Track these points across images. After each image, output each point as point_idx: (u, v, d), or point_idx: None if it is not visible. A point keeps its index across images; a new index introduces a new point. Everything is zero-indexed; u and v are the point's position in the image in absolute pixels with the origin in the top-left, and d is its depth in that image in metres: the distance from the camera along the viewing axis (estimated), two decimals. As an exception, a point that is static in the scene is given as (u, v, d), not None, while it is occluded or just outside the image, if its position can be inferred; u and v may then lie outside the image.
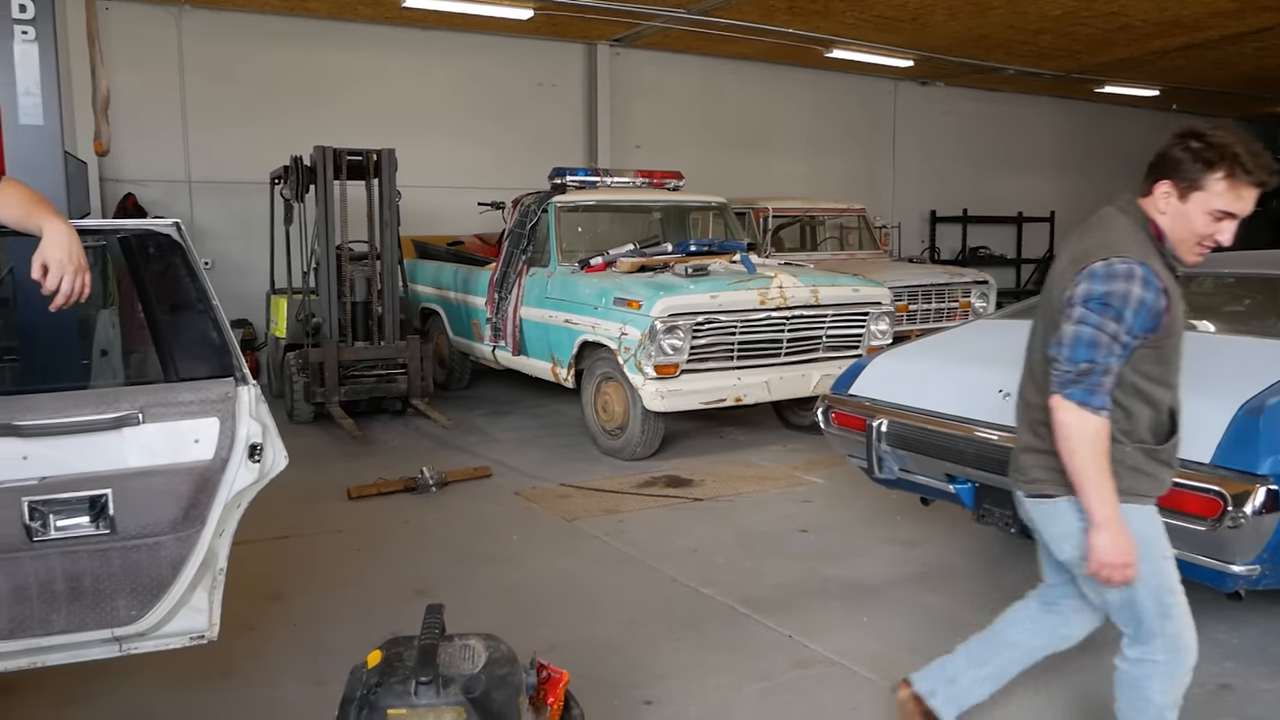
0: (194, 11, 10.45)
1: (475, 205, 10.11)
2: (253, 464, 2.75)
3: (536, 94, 12.49)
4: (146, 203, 10.19)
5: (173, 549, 2.68)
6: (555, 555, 4.93)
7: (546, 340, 7.42)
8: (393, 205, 7.87)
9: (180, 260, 2.64)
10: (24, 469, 2.53)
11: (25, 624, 2.61)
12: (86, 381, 5.72)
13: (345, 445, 7.20)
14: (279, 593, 4.39)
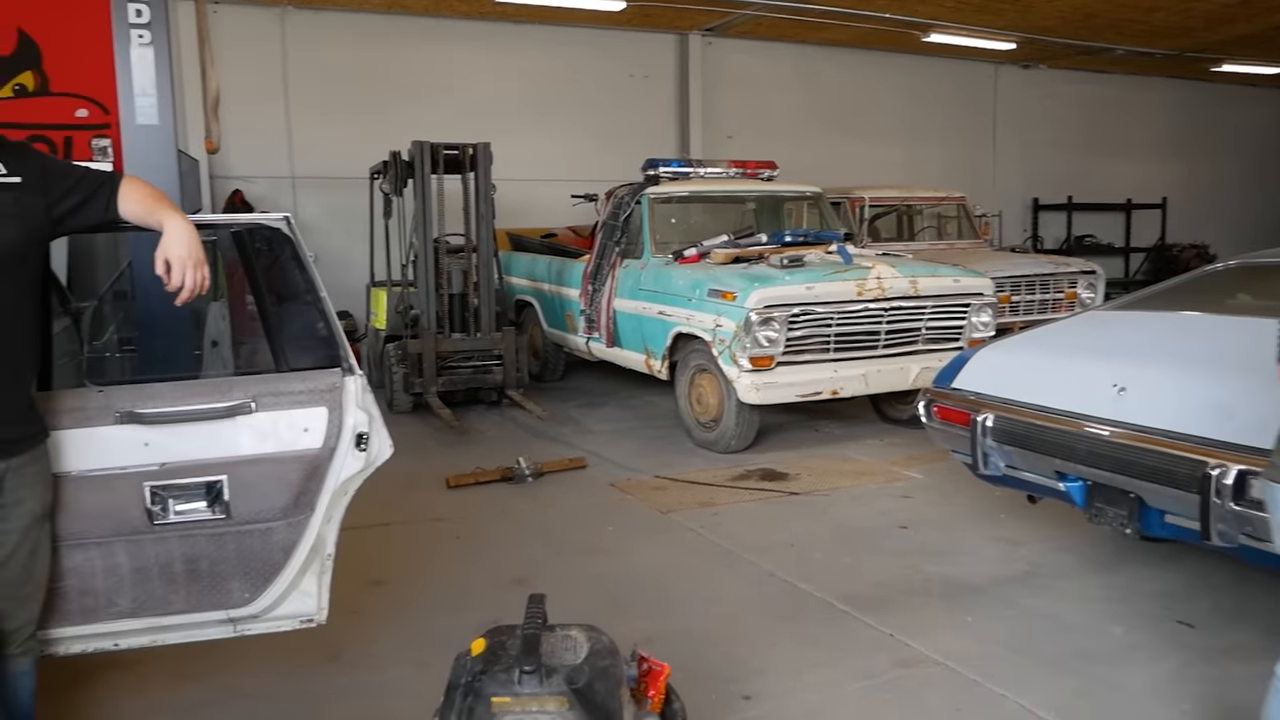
0: (297, 12, 10.74)
1: (568, 198, 10.17)
2: (359, 452, 2.80)
3: (628, 85, 12.51)
4: (253, 198, 10.52)
5: (284, 534, 2.75)
6: (650, 547, 4.92)
7: (640, 332, 7.42)
8: (488, 198, 7.97)
9: (290, 253, 2.70)
10: (145, 455, 2.62)
11: (147, 604, 2.71)
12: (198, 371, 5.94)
13: (443, 435, 7.32)
14: (382, 578, 4.49)
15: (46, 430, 2.40)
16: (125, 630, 2.73)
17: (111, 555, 2.63)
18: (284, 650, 3.54)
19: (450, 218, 8.08)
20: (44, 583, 2.47)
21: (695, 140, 12.79)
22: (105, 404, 2.59)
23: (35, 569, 2.41)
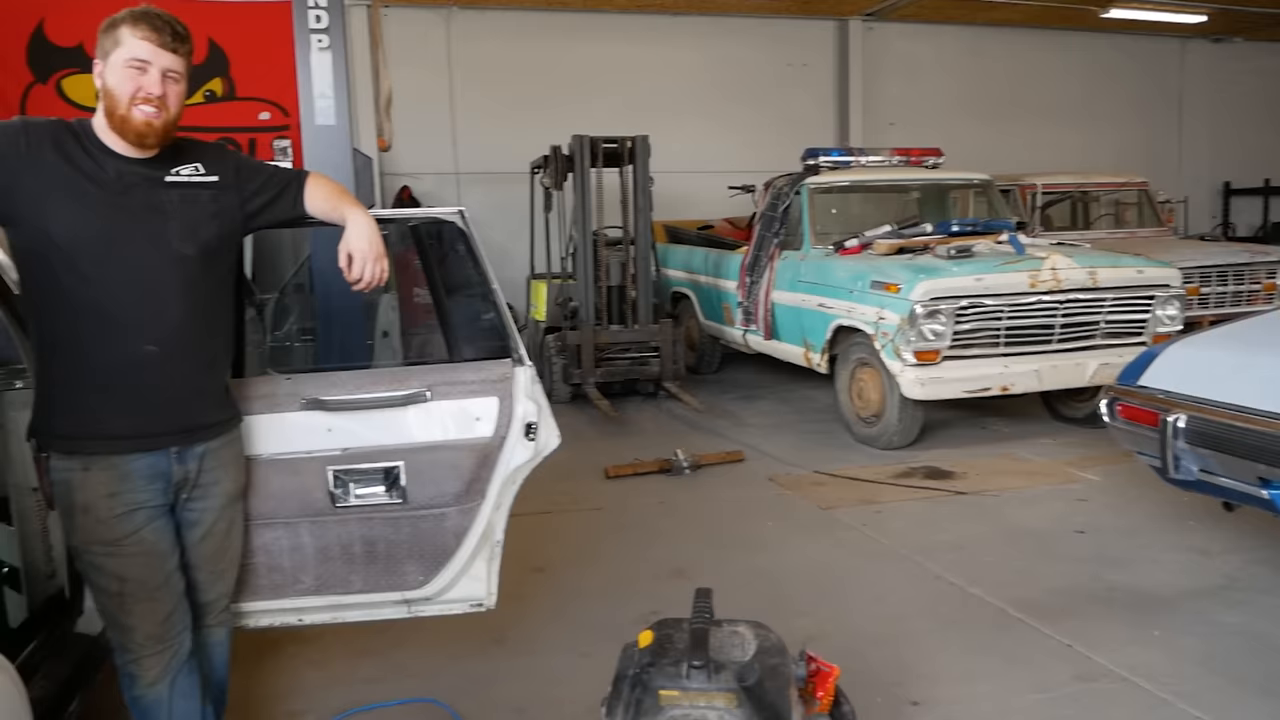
0: (462, 12, 11.07)
1: (725, 189, 10.12)
2: (528, 442, 2.84)
3: (786, 74, 12.34)
4: (420, 194, 10.92)
5: (456, 520, 2.81)
6: (811, 543, 4.83)
7: (799, 324, 7.30)
8: (646, 191, 8.00)
9: (464, 246, 2.75)
10: (328, 440, 2.73)
11: (329, 582, 2.83)
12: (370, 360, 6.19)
13: (601, 425, 7.40)
14: (543, 565, 4.56)
15: (240, 415, 2.53)
16: (308, 607, 2.86)
17: (297, 535, 2.76)
18: (450, 632, 3.64)
19: (608, 210, 8.16)
20: (237, 559, 2.61)
21: (855, 128, 12.51)
22: (292, 391, 2.71)
23: (231, 546, 2.54)
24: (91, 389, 2.19)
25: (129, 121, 2.14)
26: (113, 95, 2.15)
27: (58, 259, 2.12)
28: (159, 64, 2.15)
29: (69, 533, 2.26)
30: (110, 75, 2.16)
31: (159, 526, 2.28)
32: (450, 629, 3.55)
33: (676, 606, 3.99)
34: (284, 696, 3.40)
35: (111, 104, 2.15)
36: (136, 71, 2.14)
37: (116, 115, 2.15)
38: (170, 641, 2.33)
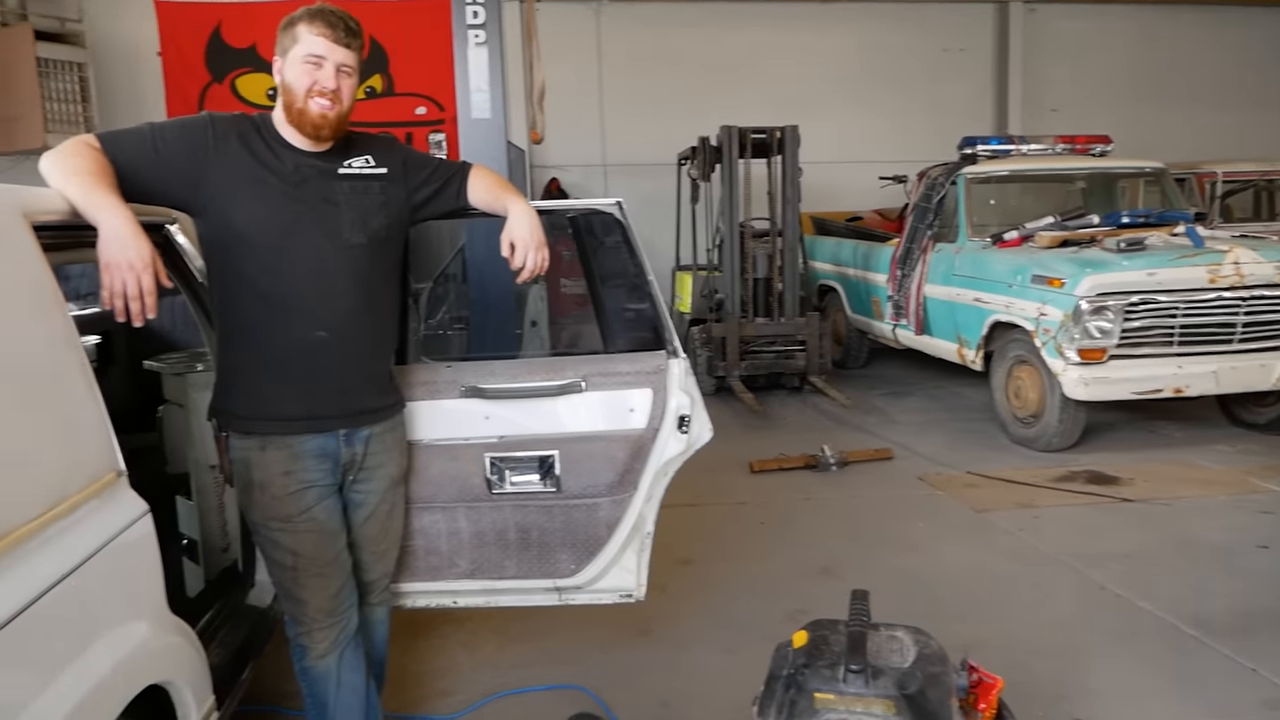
0: (612, 5, 11.14)
1: (875, 180, 9.86)
2: (681, 434, 2.82)
3: (941, 60, 11.93)
4: (567, 186, 11.06)
5: (608, 510, 2.82)
6: (964, 546, 4.66)
7: (953, 320, 7.05)
8: (795, 182, 7.88)
9: (621, 237, 2.75)
10: (486, 428, 2.78)
11: (483, 567, 2.88)
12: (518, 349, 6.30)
13: (745, 419, 7.34)
14: (688, 558, 4.55)
15: (403, 401, 2.59)
16: (463, 590, 2.92)
17: (454, 520, 2.82)
18: (596, 621, 3.66)
19: (756, 202, 8.07)
20: (398, 541, 2.68)
21: (1014, 115, 12.00)
22: (453, 379, 2.77)
23: (392, 528, 2.61)
24: (268, 373, 2.28)
25: (305, 114, 2.21)
26: (290, 90, 2.23)
27: (240, 248, 2.21)
28: (333, 59, 2.22)
29: (247, 509, 2.36)
30: (288, 71, 2.24)
31: (329, 505, 2.36)
32: (596, 618, 3.58)
33: (824, 606, 3.92)
34: (437, 675, 3.49)
35: (289, 98, 2.23)
36: (312, 67, 2.21)
37: (294, 109, 2.23)
38: (339, 616, 2.41)
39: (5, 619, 1.31)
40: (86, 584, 1.55)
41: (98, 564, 1.59)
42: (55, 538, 1.51)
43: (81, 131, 9.01)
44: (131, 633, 1.66)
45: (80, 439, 1.71)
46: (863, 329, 8.89)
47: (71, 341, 1.77)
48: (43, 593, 1.42)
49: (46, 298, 1.75)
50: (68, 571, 1.50)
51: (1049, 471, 5.79)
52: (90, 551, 1.58)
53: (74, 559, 1.53)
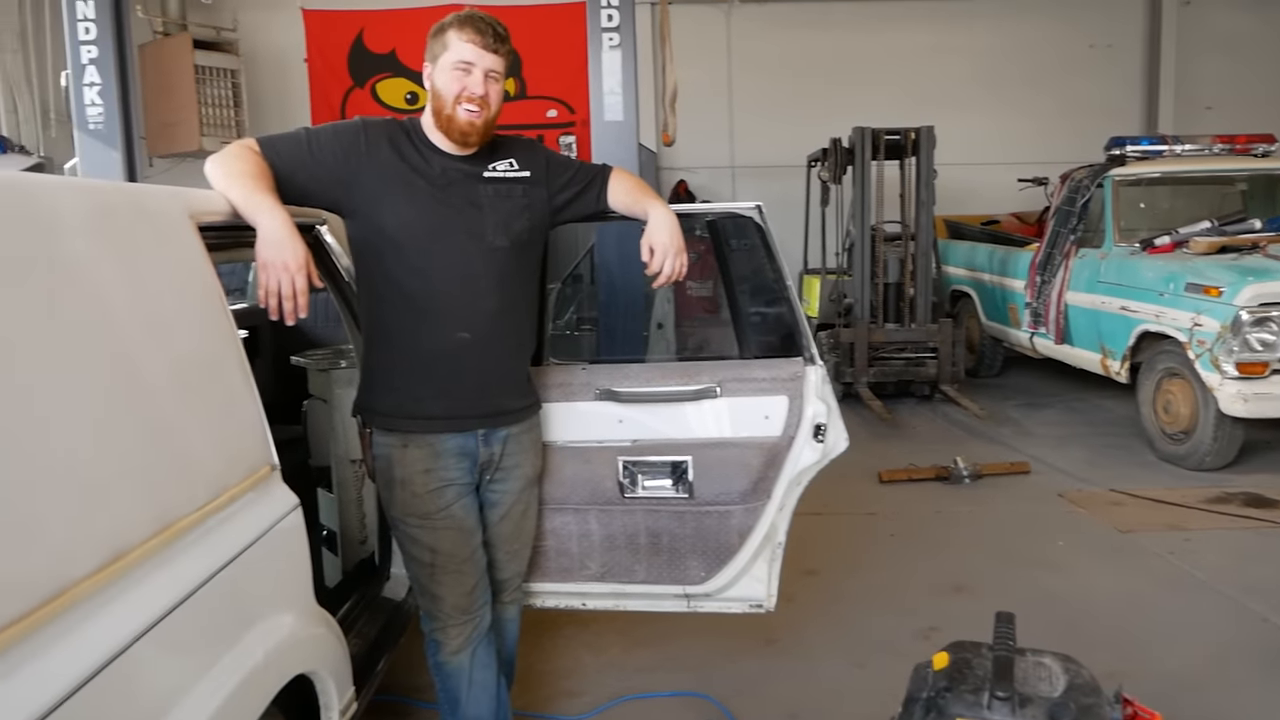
0: (743, 6, 11.07)
1: (1012, 182, 9.52)
2: (816, 444, 2.75)
3: (1086, 57, 11.42)
4: (695, 188, 11.04)
5: (740, 519, 2.77)
6: (1108, 569, 4.43)
7: (1096, 329, 6.73)
8: (929, 184, 7.66)
9: (760, 241, 2.70)
10: (619, 431, 2.77)
11: (613, 570, 2.87)
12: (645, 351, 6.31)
13: (873, 427, 7.17)
14: (815, 568, 4.46)
15: (540, 402, 2.61)
16: (592, 592, 2.92)
17: (585, 522, 2.82)
18: (721, 629, 3.61)
19: (888, 204, 7.89)
20: (531, 540, 2.70)
21: (1165, 113, 11.41)
22: (588, 381, 2.77)
23: (525, 528, 2.63)
24: (411, 372, 2.32)
25: (454, 121, 2.24)
26: (440, 96, 2.26)
27: (388, 250, 2.26)
28: (482, 65, 2.24)
29: (388, 504, 2.41)
30: (438, 77, 2.27)
31: (467, 504, 2.39)
32: (721, 626, 3.54)
33: (957, 625, 3.80)
34: (563, 676, 3.50)
35: (439, 104, 2.26)
36: (462, 73, 2.24)
37: (443, 115, 2.26)
38: (474, 613, 2.44)
39: (168, 608, 1.36)
40: (242, 575, 1.60)
41: (253, 555, 1.64)
42: (215, 529, 1.56)
43: (233, 135, 9.48)
44: (281, 623, 1.71)
45: (239, 433, 1.77)
46: (998, 337, 8.58)
47: (232, 338, 1.83)
48: (203, 582, 1.47)
49: (211, 295, 1.81)
50: (226, 562, 1.55)
51: (1201, 492, 5.47)
52: (247, 543, 1.63)
53: (232, 550, 1.58)
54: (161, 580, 1.37)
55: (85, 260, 1.46)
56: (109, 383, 1.42)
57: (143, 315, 1.57)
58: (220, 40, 9.50)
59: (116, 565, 1.29)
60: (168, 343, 1.62)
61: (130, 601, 1.29)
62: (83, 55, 5.19)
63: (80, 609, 1.21)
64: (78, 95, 5.19)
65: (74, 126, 5.24)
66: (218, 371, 1.76)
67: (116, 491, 1.36)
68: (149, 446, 1.47)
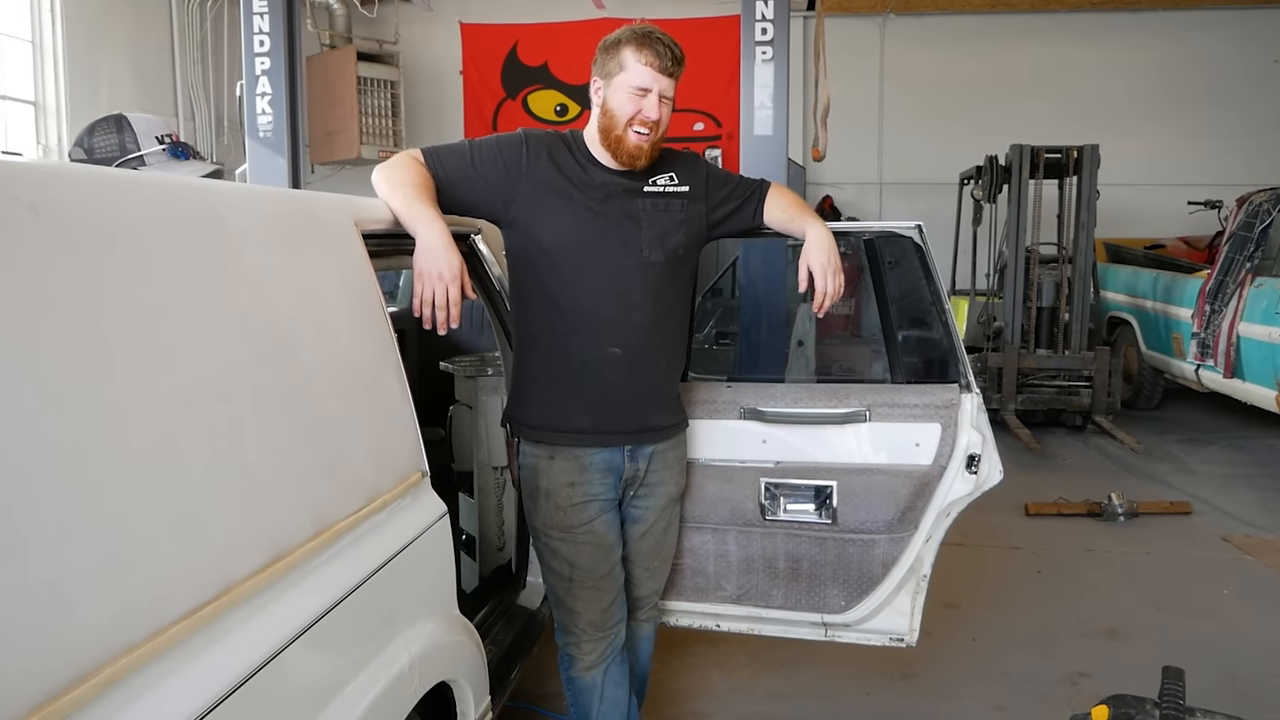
0: (898, 19, 10.83)
1: (1180, 204, 9.02)
2: (969, 475, 2.63)
3: (1270, 73, 10.68)
4: (840, 204, 10.85)
5: (885, 549, 2.68)
6: (1279, 623, 4.11)
7: (1272, 363, 6.28)
8: (1091, 206, 7.32)
9: (919, 262, 2.61)
10: (763, 451, 2.72)
11: (749, 593, 2.81)
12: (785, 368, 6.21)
13: (1020, 456, 6.88)
14: (955, 601, 4.28)
15: (686, 420, 2.57)
16: (727, 614, 2.86)
17: (724, 543, 2.77)
18: (855, 659, 3.50)
19: (1044, 225, 7.56)
20: (670, 559, 2.66)
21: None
22: (732, 399, 2.73)
23: (666, 545, 2.60)
24: (561, 384, 2.32)
25: (624, 143, 2.22)
26: (612, 116, 2.23)
27: (544, 261, 2.27)
28: (658, 88, 2.20)
29: (530, 515, 2.42)
30: (612, 97, 2.23)
31: (609, 519, 2.38)
32: (856, 655, 3.40)
33: (1109, 672, 3.59)
34: (691, 695, 3.46)
35: (609, 124, 2.24)
36: (638, 96, 2.20)
37: (612, 135, 2.23)
38: (608, 630, 2.42)
39: (322, 611, 1.38)
40: (392, 580, 1.62)
41: (402, 561, 1.66)
42: (368, 534, 1.58)
43: (391, 145, 9.83)
44: (426, 630, 1.72)
45: (394, 438, 1.80)
46: (1159, 367, 8.11)
47: (390, 345, 1.87)
48: (356, 587, 1.49)
49: (373, 302, 1.85)
50: (377, 567, 1.57)
51: (1389, 545, 5.03)
52: (397, 549, 1.65)
53: (383, 555, 1.60)
54: (316, 583, 1.40)
55: (258, 266, 1.50)
56: (275, 387, 1.46)
57: (309, 320, 1.61)
58: (382, 53, 9.88)
59: (275, 566, 1.32)
60: (331, 348, 1.66)
61: (287, 603, 1.32)
62: (257, 66, 5.46)
63: (241, 609, 1.24)
64: (250, 104, 5.46)
65: (245, 134, 5.51)
66: (376, 378, 1.80)
67: (278, 494, 1.39)
68: (310, 450, 1.51)
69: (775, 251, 5.67)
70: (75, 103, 7.99)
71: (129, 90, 8.71)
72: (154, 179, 1.54)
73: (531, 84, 10.75)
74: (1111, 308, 8.66)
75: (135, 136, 2.12)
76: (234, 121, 8.78)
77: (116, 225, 1.24)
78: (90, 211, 1.20)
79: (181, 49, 9.30)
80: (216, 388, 1.32)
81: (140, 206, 1.31)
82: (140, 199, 1.33)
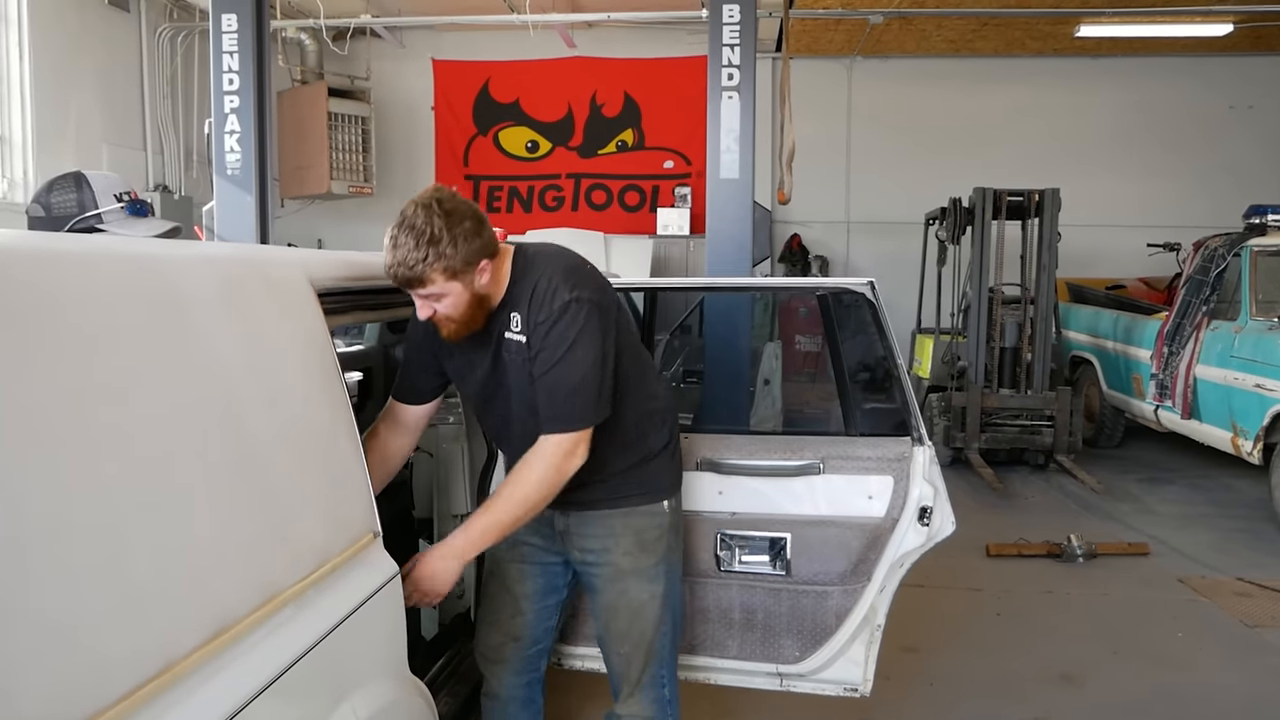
0: (864, 61, 11.02)
1: (1140, 246, 9.20)
2: (921, 527, 2.68)
3: (1225, 119, 10.96)
4: (808, 242, 10.98)
5: (839, 600, 2.71)
6: (1233, 667, 4.17)
7: (1228, 405, 6.41)
8: (1052, 247, 7.46)
9: (871, 317, 2.66)
10: (719, 503, 2.75)
11: (705, 643, 2.84)
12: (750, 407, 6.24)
13: (982, 495, 6.95)
14: (913, 645, 4.31)
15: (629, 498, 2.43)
16: (683, 664, 2.86)
17: (680, 592, 2.79)
18: (815, 705, 3.48)
19: (1007, 266, 7.69)
20: (640, 647, 2.47)
21: (1309, 180, 10.85)
22: (689, 449, 2.76)
23: (618, 627, 2.48)
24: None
25: None
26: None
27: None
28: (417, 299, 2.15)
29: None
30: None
31: (525, 570, 2.53)
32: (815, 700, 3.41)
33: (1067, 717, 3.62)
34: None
35: None
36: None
37: None
38: (490, 666, 2.60)
39: (265, 683, 1.39)
40: (341, 644, 1.62)
41: (352, 625, 1.66)
42: (316, 599, 1.59)
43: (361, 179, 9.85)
44: (376, 692, 1.73)
45: (346, 501, 1.81)
46: (1119, 407, 8.24)
47: (344, 406, 1.88)
48: (304, 654, 1.50)
49: (327, 363, 1.87)
50: (326, 633, 1.57)
51: (1341, 587, 5.12)
52: (346, 612, 1.65)
53: (332, 620, 1.61)
54: (261, 654, 1.40)
55: (209, 334, 1.52)
56: (225, 457, 1.47)
57: (261, 386, 1.63)
58: (354, 88, 9.93)
59: (219, 640, 1.33)
60: (283, 413, 1.67)
61: (230, 676, 1.32)
62: (226, 105, 5.49)
63: (183, 685, 1.24)
64: (219, 142, 5.49)
65: (213, 171, 5.53)
66: (329, 440, 1.81)
67: (225, 565, 1.40)
68: (259, 519, 1.52)
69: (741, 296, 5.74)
70: (42, 137, 7.95)
71: (97, 124, 8.68)
72: (106, 248, 1.56)
73: (503, 120, 10.83)
74: (1074, 347, 8.80)
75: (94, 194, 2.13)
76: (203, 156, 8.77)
77: (64, 298, 1.25)
78: (37, 284, 1.22)
79: (151, 83, 9.29)
80: (163, 462, 1.33)
81: (89, 277, 1.33)
82: (89, 269, 1.35)
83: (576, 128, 10.82)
